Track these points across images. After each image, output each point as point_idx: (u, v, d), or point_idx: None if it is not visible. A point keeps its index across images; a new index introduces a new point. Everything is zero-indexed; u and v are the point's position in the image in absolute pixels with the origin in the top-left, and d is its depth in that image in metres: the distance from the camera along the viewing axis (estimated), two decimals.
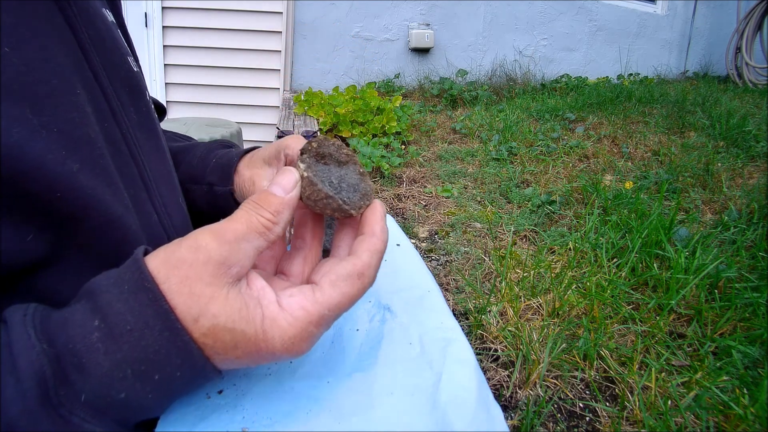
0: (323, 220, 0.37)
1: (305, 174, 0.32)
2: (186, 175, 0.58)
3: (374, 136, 2.70)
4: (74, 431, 0.26)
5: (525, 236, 1.76)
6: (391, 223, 0.62)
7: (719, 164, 2.33)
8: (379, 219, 0.34)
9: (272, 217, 0.31)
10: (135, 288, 0.28)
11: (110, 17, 0.46)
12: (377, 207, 0.35)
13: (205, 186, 0.56)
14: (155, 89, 3.31)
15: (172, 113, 3.36)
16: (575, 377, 1.06)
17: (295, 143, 0.48)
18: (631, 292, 1.33)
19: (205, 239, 0.29)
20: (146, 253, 0.30)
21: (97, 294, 0.28)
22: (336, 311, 0.30)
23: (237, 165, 0.54)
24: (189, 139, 0.68)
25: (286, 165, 0.47)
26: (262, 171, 0.49)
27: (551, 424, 0.96)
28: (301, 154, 0.35)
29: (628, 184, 2.02)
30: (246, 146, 0.59)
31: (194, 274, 0.28)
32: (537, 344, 1.11)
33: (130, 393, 0.27)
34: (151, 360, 0.27)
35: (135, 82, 0.45)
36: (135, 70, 0.46)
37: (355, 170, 0.36)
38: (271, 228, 0.31)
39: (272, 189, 0.32)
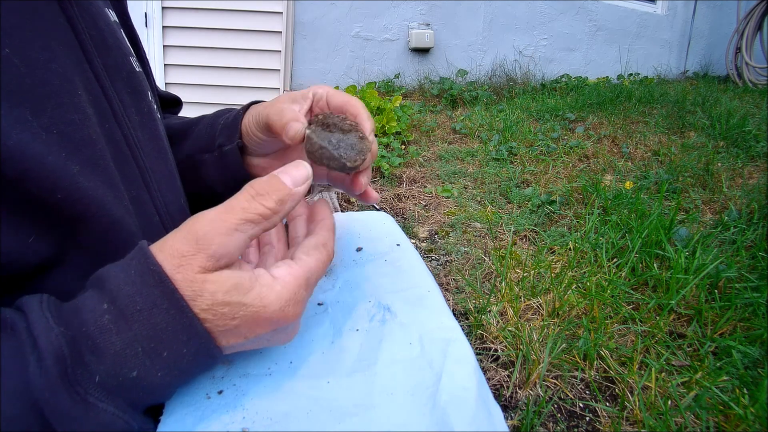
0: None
1: (307, 132, 0.38)
2: (196, 146, 0.56)
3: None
4: (90, 409, 0.28)
5: (525, 236, 1.76)
6: (391, 223, 0.62)
7: (719, 164, 2.33)
8: (324, 208, 0.41)
9: (275, 207, 0.32)
10: (142, 272, 0.30)
11: (113, 17, 0.46)
12: (323, 203, 0.42)
13: (216, 152, 0.53)
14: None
15: None
16: (575, 377, 1.06)
17: (326, 88, 0.47)
18: (631, 292, 1.33)
19: (203, 228, 0.30)
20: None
21: (105, 280, 0.30)
22: (315, 274, 0.34)
23: (246, 111, 0.51)
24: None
25: (312, 105, 0.46)
26: (285, 105, 0.44)
27: (551, 424, 0.96)
28: (309, 124, 0.40)
29: (628, 184, 2.01)
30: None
31: (187, 263, 0.30)
32: (537, 344, 1.10)
33: (141, 371, 0.29)
34: (160, 337, 0.29)
35: (137, 83, 0.45)
36: (137, 70, 0.46)
37: (356, 136, 0.41)
38: (270, 217, 0.32)
39: (282, 177, 0.33)
